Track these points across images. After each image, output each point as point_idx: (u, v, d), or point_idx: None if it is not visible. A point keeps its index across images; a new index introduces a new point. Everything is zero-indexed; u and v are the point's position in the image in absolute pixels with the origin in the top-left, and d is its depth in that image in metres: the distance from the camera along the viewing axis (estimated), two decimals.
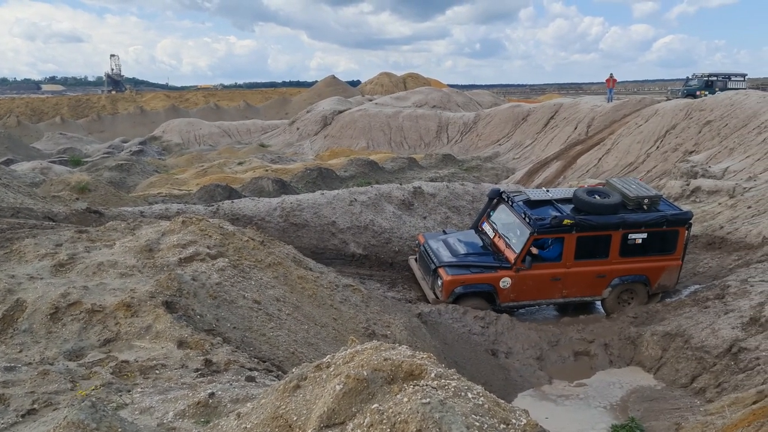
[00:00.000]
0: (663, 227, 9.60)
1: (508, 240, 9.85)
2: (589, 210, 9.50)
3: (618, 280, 9.86)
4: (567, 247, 9.49)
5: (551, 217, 9.35)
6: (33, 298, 5.06)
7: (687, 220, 9.73)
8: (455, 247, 10.20)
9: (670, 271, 9.96)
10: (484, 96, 59.64)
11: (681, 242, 9.81)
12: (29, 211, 9.65)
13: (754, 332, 7.74)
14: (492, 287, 9.57)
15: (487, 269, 9.65)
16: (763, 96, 21.91)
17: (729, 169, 16.80)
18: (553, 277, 9.65)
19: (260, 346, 5.39)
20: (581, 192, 9.82)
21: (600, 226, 9.44)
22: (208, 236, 6.94)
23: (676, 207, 10.14)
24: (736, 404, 6.19)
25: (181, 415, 3.27)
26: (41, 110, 69.48)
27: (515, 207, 9.97)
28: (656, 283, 10.00)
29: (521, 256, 9.40)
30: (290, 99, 74.99)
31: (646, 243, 9.66)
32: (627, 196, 9.79)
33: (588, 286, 9.87)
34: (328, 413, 2.34)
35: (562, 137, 30.89)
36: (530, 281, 9.59)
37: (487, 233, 10.53)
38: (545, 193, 10.39)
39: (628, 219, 9.49)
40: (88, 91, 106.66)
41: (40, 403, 3.44)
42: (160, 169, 27.67)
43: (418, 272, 10.79)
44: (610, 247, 9.60)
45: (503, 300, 9.66)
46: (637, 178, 11.00)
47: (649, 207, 9.75)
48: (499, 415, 2.33)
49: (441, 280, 9.54)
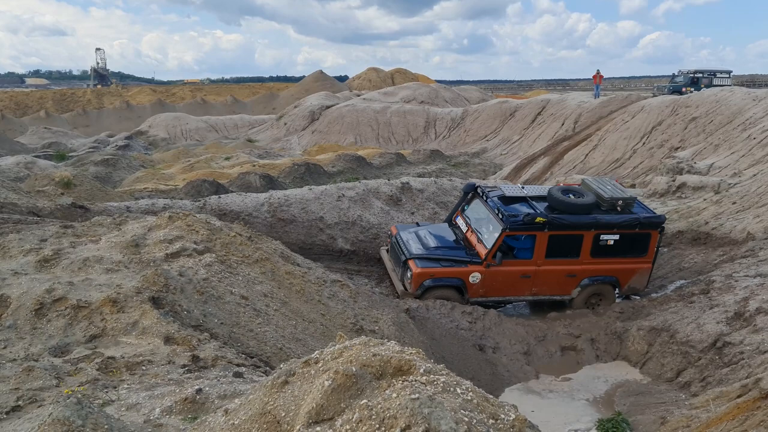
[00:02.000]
0: (636, 229, 9.59)
1: (480, 235, 9.81)
2: (563, 209, 9.48)
3: (588, 281, 9.86)
4: (538, 245, 9.47)
5: (524, 215, 9.31)
6: (17, 294, 5.01)
7: (660, 223, 9.74)
8: (426, 240, 10.14)
9: (641, 274, 9.97)
10: (471, 92, 59.64)
11: (653, 245, 9.81)
12: (13, 206, 9.54)
13: (739, 327, 7.82)
14: (461, 281, 9.54)
15: (457, 263, 9.61)
16: (747, 93, 22.11)
17: (714, 165, 16.95)
18: (523, 274, 9.63)
19: (248, 342, 5.37)
20: (556, 190, 9.80)
21: (572, 226, 9.41)
22: (195, 232, 6.90)
23: (650, 210, 10.15)
24: (720, 398, 6.25)
25: (168, 411, 3.25)
26: (25, 104, 68.59)
27: (489, 202, 9.94)
28: (626, 285, 10.02)
29: (492, 251, 9.37)
30: (278, 94, 74.58)
31: (617, 244, 9.64)
32: (601, 196, 9.78)
33: (558, 285, 9.85)
34: (317, 409, 2.33)
35: (549, 133, 31.00)
36: (500, 277, 9.57)
37: (460, 227, 10.49)
38: (520, 189, 10.37)
39: (601, 220, 9.47)
40: (73, 85, 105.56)
41: (24, 399, 3.40)
42: (146, 164, 27.42)
43: (389, 263, 10.73)
44: (582, 247, 9.58)
45: (472, 295, 9.64)
46: (613, 179, 11.02)
47: (623, 209, 9.72)
48: (488, 411, 2.33)
49: (410, 272, 9.48)
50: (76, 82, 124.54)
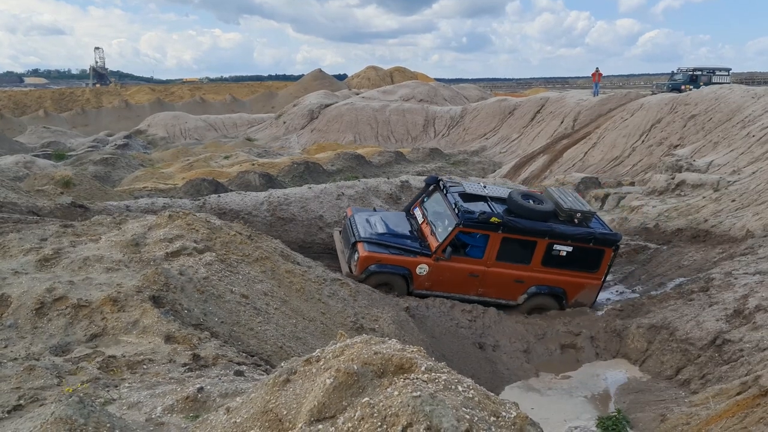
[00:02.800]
0: (590, 244, 9.46)
1: (434, 228, 9.72)
2: (520, 213, 9.40)
3: (535, 289, 9.69)
4: (491, 246, 9.36)
5: (480, 212, 9.23)
6: (18, 293, 5.01)
7: (615, 241, 9.60)
8: (380, 226, 10.02)
9: (589, 290, 9.81)
10: (470, 90, 59.63)
11: (605, 263, 9.66)
12: (13, 206, 9.53)
13: (738, 324, 7.83)
14: (408, 271, 9.41)
15: (406, 252, 9.50)
16: (746, 90, 22.14)
17: (713, 162, 16.96)
18: (472, 273, 9.51)
19: (248, 341, 5.37)
20: (516, 194, 9.75)
21: (527, 231, 9.31)
22: (195, 231, 6.90)
23: (608, 227, 10.05)
24: (720, 395, 6.26)
25: (169, 410, 3.25)
26: (24, 103, 68.51)
27: (448, 197, 9.83)
28: (573, 299, 9.84)
29: (443, 245, 9.27)
30: (277, 93, 74.51)
31: (570, 256, 9.50)
32: (560, 206, 9.68)
33: (505, 289, 9.69)
34: (319, 407, 2.34)
35: (548, 131, 31.01)
36: (447, 273, 9.44)
37: (417, 218, 10.39)
38: (482, 188, 10.32)
39: (556, 229, 9.35)
40: (72, 84, 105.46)
41: (26, 398, 3.40)
42: (145, 163, 27.40)
43: (339, 244, 10.60)
44: (534, 254, 9.46)
45: (417, 287, 9.49)
46: (575, 193, 10.96)
47: (580, 221, 9.63)
48: (489, 408, 2.34)
49: (357, 254, 9.34)
50: (74, 81, 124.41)
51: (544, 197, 10.00)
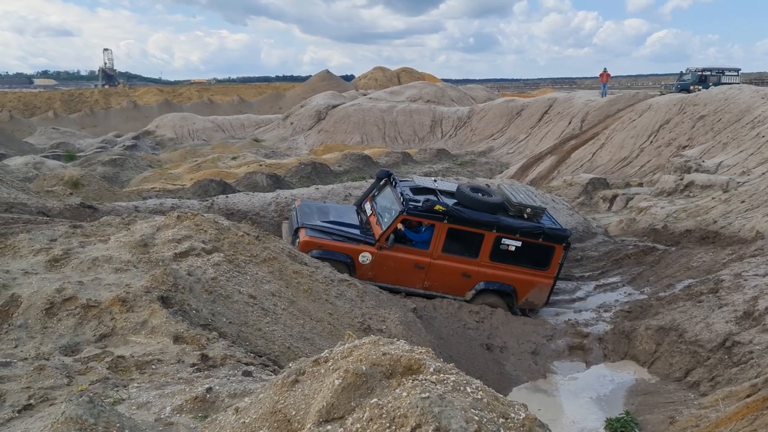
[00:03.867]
0: (539, 239, 9.26)
1: (380, 218, 9.61)
2: (468, 204, 9.27)
3: (483, 285, 9.48)
4: (436, 236, 9.20)
5: (424, 200, 9.13)
6: (28, 294, 5.04)
7: (565, 237, 9.41)
8: (325, 214, 9.92)
9: (540, 289, 9.57)
10: (478, 90, 59.59)
11: (556, 260, 9.44)
12: (23, 206, 9.59)
13: (748, 326, 7.79)
14: (350, 259, 9.23)
15: (348, 240, 9.36)
16: (756, 91, 22.02)
17: (722, 163, 16.88)
18: (417, 264, 9.35)
19: (256, 341, 5.38)
20: (464, 186, 9.68)
21: (473, 222, 9.15)
22: (203, 231, 6.92)
23: (559, 224, 9.92)
24: (729, 398, 6.22)
25: (178, 410, 3.27)
26: (34, 105, 68.95)
27: (397, 189, 9.72)
28: (523, 298, 9.64)
29: (386, 233, 9.14)
30: (284, 94, 74.66)
31: (519, 252, 9.31)
32: (509, 200, 9.58)
33: (452, 283, 9.51)
34: (327, 408, 2.34)
35: (556, 132, 30.94)
36: (391, 263, 9.30)
37: (366, 211, 10.30)
38: (432, 182, 10.27)
39: (504, 221, 9.20)
40: (81, 85, 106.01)
41: (36, 398, 3.42)
42: (153, 164, 27.55)
43: (285, 234, 10.41)
44: (481, 248, 9.29)
45: (360, 276, 9.14)
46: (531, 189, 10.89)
47: (530, 217, 9.47)
48: (498, 410, 2.34)
49: (299, 240, 9.18)
50: (83, 82, 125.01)
51: (494, 191, 9.95)
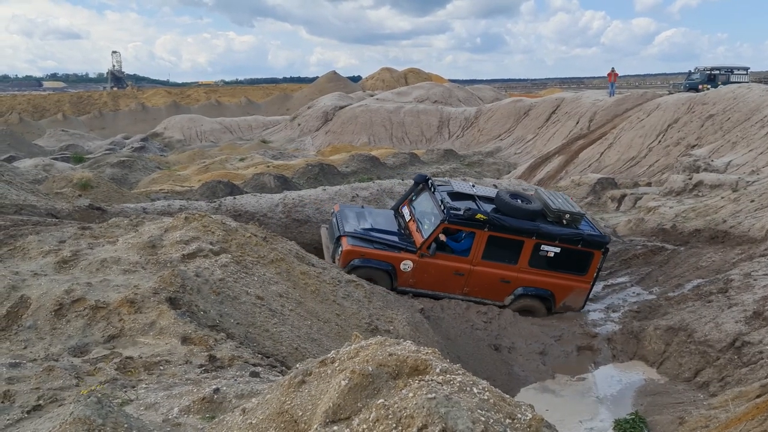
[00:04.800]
0: (578, 246, 9.29)
1: (420, 225, 9.64)
2: (508, 212, 9.27)
3: (522, 290, 9.53)
4: (477, 244, 9.24)
5: (465, 209, 9.14)
6: (37, 295, 5.07)
7: (604, 243, 9.44)
8: (365, 221, 9.96)
9: (577, 293, 9.64)
10: (485, 91, 59.46)
11: (594, 266, 9.47)
12: (32, 208, 9.65)
13: (758, 326, 7.74)
14: (392, 267, 9.32)
15: (390, 248, 9.42)
16: (765, 89, 21.88)
17: (732, 163, 16.79)
18: (457, 271, 9.40)
19: (264, 342, 5.39)
20: (503, 193, 9.66)
21: (513, 229, 9.17)
22: (211, 232, 6.94)
23: (598, 230, 9.90)
24: (739, 398, 6.19)
25: (186, 410, 3.28)
26: (43, 107, 69.42)
27: (436, 195, 9.74)
28: (561, 302, 9.68)
29: (428, 241, 9.20)
30: (291, 95, 74.84)
31: (558, 258, 9.34)
32: (548, 206, 9.56)
33: (491, 289, 9.55)
34: (334, 408, 2.35)
35: (563, 132, 30.85)
36: (432, 270, 9.35)
37: (404, 216, 10.33)
38: (470, 187, 10.25)
39: (543, 229, 9.22)
40: (90, 87, 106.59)
41: (45, 399, 3.45)
42: (161, 165, 27.65)
43: (325, 239, 10.52)
44: (521, 254, 9.32)
45: (401, 283, 9.38)
46: (567, 196, 10.84)
47: (568, 223, 9.46)
48: (505, 410, 2.33)
49: (341, 248, 9.27)
50: (92, 84, 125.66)
51: (533, 197, 9.92)
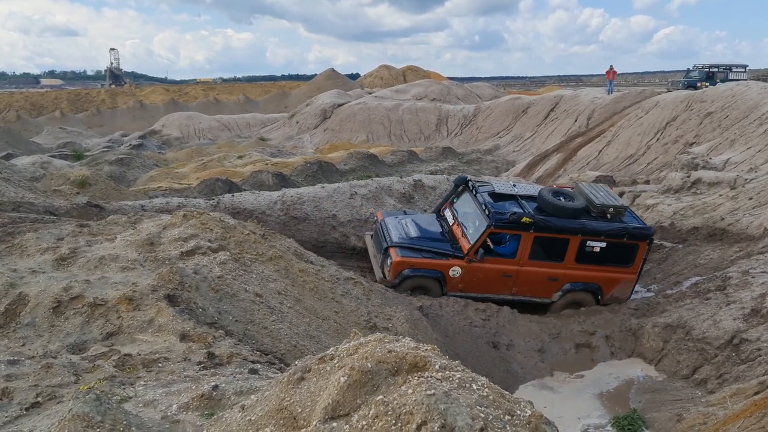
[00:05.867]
0: (623, 239, 9.35)
1: (465, 229, 9.69)
2: (551, 211, 9.33)
3: (570, 286, 9.65)
4: (523, 246, 9.32)
5: (510, 213, 9.19)
6: (35, 292, 5.07)
7: (649, 235, 9.52)
8: (411, 229, 10.03)
9: (624, 285, 9.74)
10: (484, 88, 59.42)
11: (640, 257, 9.57)
12: (30, 206, 9.64)
13: (756, 323, 7.75)
14: (441, 274, 9.41)
15: (438, 255, 9.51)
16: (764, 87, 21.87)
17: (730, 160, 16.79)
18: (505, 273, 9.49)
19: (262, 339, 5.39)
20: (546, 192, 9.69)
21: (559, 229, 9.24)
22: (210, 230, 6.94)
23: (641, 221, 9.95)
24: (737, 395, 6.20)
25: (185, 407, 3.27)
26: (41, 104, 69.31)
27: (478, 197, 9.78)
28: (608, 295, 9.78)
29: (475, 247, 9.26)
30: (289, 92, 74.77)
31: (603, 252, 9.42)
32: (592, 202, 9.59)
33: (539, 287, 9.66)
34: (333, 405, 2.35)
35: (562, 129, 30.84)
36: (480, 274, 9.44)
37: (447, 219, 10.39)
38: (511, 187, 10.28)
39: (589, 226, 9.28)
40: (87, 85, 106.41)
41: (44, 396, 3.44)
42: (160, 163, 27.60)
43: (372, 249, 10.61)
44: (567, 252, 9.40)
45: (451, 289, 9.50)
46: (607, 187, 10.87)
47: (612, 216, 9.52)
48: (504, 407, 2.33)
49: (390, 259, 9.37)
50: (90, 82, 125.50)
51: (575, 193, 9.92)
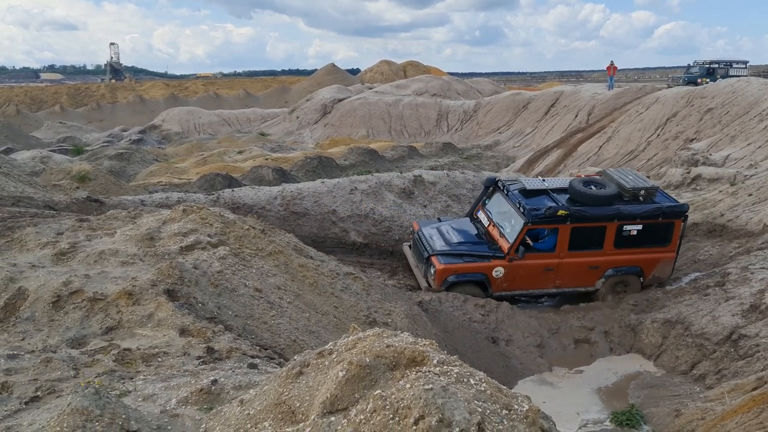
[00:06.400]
0: (658, 219, 9.50)
1: (502, 229, 9.80)
2: (585, 201, 9.43)
3: (611, 271, 9.78)
4: (561, 238, 9.43)
5: (546, 208, 9.28)
6: (35, 287, 5.07)
7: (683, 212, 9.64)
8: (449, 236, 10.17)
9: (664, 264, 9.89)
10: (484, 84, 59.37)
11: (676, 234, 9.73)
12: (30, 200, 9.64)
13: (754, 319, 7.76)
14: (485, 276, 9.55)
15: (480, 258, 9.61)
16: (764, 83, 21.83)
17: (730, 156, 16.78)
18: (547, 267, 9.61)
19: (262, 334, 5.40)
20: (577, 182, 9.75)
21: (595, 218, 9.35)
22: (209, 225, 6.94)
23: (673, 199, 10.06)
24: (735, 391, 6.22)
25: (184, 402, 3.28)
26: (40, 99, 69.24)
27: (510, 196, 9.91)
28: (650, 275, 9.94)
29: (515, 245, 9.36)
30: (290, 87, 74.74)
31: (641, 235, 9.55)
32: (623, 187, 9.70)
33: (581, 277, 9.80)
34: (331, 399, 2.35)
35: (562, 125, 30.80)
36: (523, 271, 9.55)
37: (482, 222, 10.49)
38: (541, 182, 10.34)
39: (624, 210, 9.41)
40: (87, 79, 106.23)
41: (43, 390, 3.45)
42: (159, 158, 27.62)
43: (412, 260, 10.75)
44: (605, 239, 9.52)
45: (496, 289, 9.64)
46: (634, 169, 10.98)
47: (645, 198, 9.64)
48: (501, 401, 2.34)
49: (434, 268, 9.51)
50: (90, 76, 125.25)
51: (605, 180, 10.02)
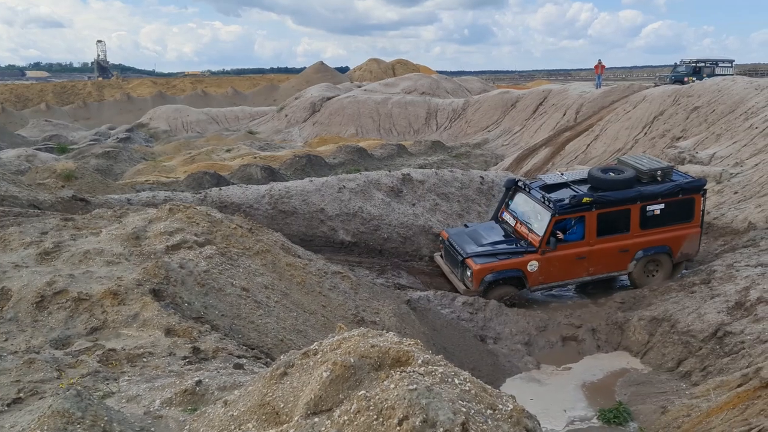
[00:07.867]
0: (679, 196, 9.75)
1: (530, 225, 9.98)
2: (606, 187, 9.68)
3: (641, 253, 9.99)
4: (589, 225, 9.65)
5: (570, 197, 9.50)
6: (18, 287, 5.02)
7: (701, 186, 9.94)
8: (479, 238, 10.33)
9: (691, 239, 10.11)
10: (473, 82, 59.38)
11: (698, 209, 9.99)
12: (14, 199, 9.54)
13: (739, 316, 7.82)
14: (521, 272, 9.69)
15: (513, 255, 9.77)
16: (750, 82, 22.00)
17: (716, 155, 16.89)
18: (578, 256, 9.79)
19: (249, 334, 5.38)
20: (596, 170, 10.04)
21: (618, 201, 9.60)
22: (196, 224, 6.90)
23: (689, 176, 10.30)
24: (721, 387, 6.26)
25: (168, 403, 3.26)
26: (26, 97, 68.52)
27: (533, 193, 10.13)
28: (678, 252, 10.14)
29: (545, 238, 9.53)
30: (278, 86, 74.40)
31: (664, 213, 9.80)
32: (640, 170, 9.96)
33: (613, 262, 10.00)
34: (315, 400, 2.34)
35: (550, 124, 30.89)
36: (556, 262, 9.73)
37: (509, 222, 10.65)
38: (560, 176, 10.56)
39: (645, 191, 9.65)
40: (74, 77, 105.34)
41: (26, 392, 3.41)
42: (147, 156, 27.44)
43: (446, 267, 10.88)
44: (631, 221, 9.76)
45: (532, 283, 9.80)
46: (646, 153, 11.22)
47: (663, 178, 9.91)
48: (486, 401, 2.34)
49: (470, 270, 9.62)
50: (76, 74, 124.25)
51: (622, 167, 10.23)
